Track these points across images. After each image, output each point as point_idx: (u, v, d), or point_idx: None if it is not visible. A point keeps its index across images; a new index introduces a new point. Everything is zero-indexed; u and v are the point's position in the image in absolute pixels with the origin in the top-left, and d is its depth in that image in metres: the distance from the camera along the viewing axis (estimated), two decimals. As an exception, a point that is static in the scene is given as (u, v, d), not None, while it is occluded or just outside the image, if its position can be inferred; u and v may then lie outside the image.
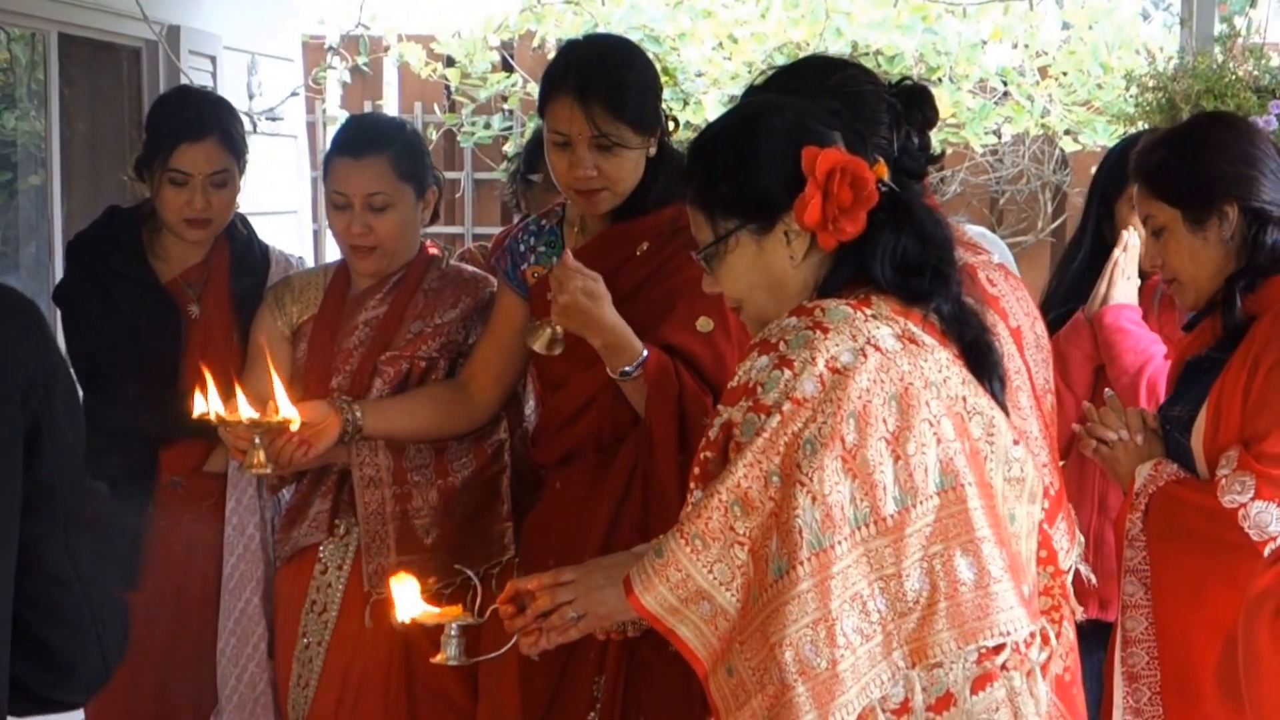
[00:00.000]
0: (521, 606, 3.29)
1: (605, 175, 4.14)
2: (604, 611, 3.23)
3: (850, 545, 2.91)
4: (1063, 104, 10.40)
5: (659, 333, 4.06)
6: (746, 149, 3.19)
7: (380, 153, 4.53)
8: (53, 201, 6.29)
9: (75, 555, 2.41)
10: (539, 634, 3.29)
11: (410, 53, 10.53)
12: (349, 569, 4.53)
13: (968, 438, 3.05)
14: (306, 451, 4.29)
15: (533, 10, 10.81)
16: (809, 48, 10.23)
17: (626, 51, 4.36)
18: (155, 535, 4.77)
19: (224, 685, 4.74)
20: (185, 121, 4.82)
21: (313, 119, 9.78)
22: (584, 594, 3.24)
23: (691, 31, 10.69)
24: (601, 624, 3.34)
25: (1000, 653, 2.98)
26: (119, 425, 4.65)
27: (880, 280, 3.13)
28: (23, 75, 6.69)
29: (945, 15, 10.47)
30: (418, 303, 4.60)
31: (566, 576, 3.29)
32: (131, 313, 4.77)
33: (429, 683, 4.52)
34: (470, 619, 3.32)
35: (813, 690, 2.89)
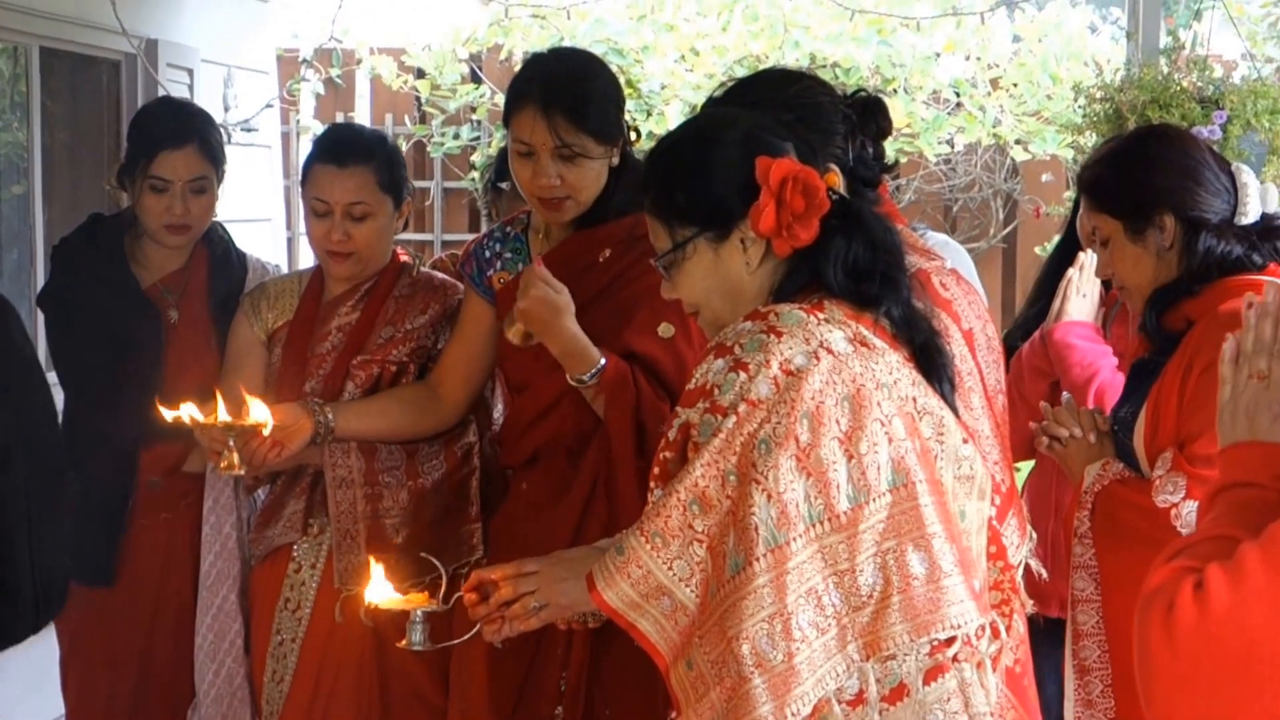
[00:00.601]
0: (485, 596, 3.31)
1: (568, 184, 4.14)
2: (566, 602, 3.24)
3: (805, 542, 2.91)
4: (1013, 114, 10.43)
5: (621, 338, 4.07)
6: (702, 160, 3.20)
7: (364, 164, 4.52)
8: (34, 210, 6.28)
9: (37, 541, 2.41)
10: (501, 622, 3.30)
11: (382, 65, 10.52)
12: (322, 567, 4.53)
13: (918, 437, 3.05)
14: (280, 453, 4.28)
15: (500, 24, 10.81)
16: (768, 60, 10.25)
17: (589, 65, 4.36)
18: (134, 534, 4.77)
19: (201, 679, 4.73)
20: (166, 130, 4.83)
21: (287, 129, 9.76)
22: (547, 585, 3.25)
23: (654, 44, 10.70)
24: (563, 614, 3.34)
25: (952, 645, 2.98)
26: (99, 426, 4.65)
27: (833, 285, 3.14)
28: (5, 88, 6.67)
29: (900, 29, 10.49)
30: (389, 309, 4.60)
31: (530, 567, 3.30)
32: (113, 316, 4.76)
33: (401, 677, 4.51)
34: (435, 606, 3.33)
35: (769, 682, 2.89)
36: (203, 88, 7.26)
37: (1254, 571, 1.94)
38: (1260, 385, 2.20)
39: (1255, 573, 1.94)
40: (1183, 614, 1.97)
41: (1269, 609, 1.92)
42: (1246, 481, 2.14)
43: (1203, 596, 1.96)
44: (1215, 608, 1.95)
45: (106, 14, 6.31)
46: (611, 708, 4.09)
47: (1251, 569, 1.94)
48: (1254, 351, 2.23)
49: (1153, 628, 2.00)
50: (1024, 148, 10.32)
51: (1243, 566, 1.95)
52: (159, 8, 7.05)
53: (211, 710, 4.72)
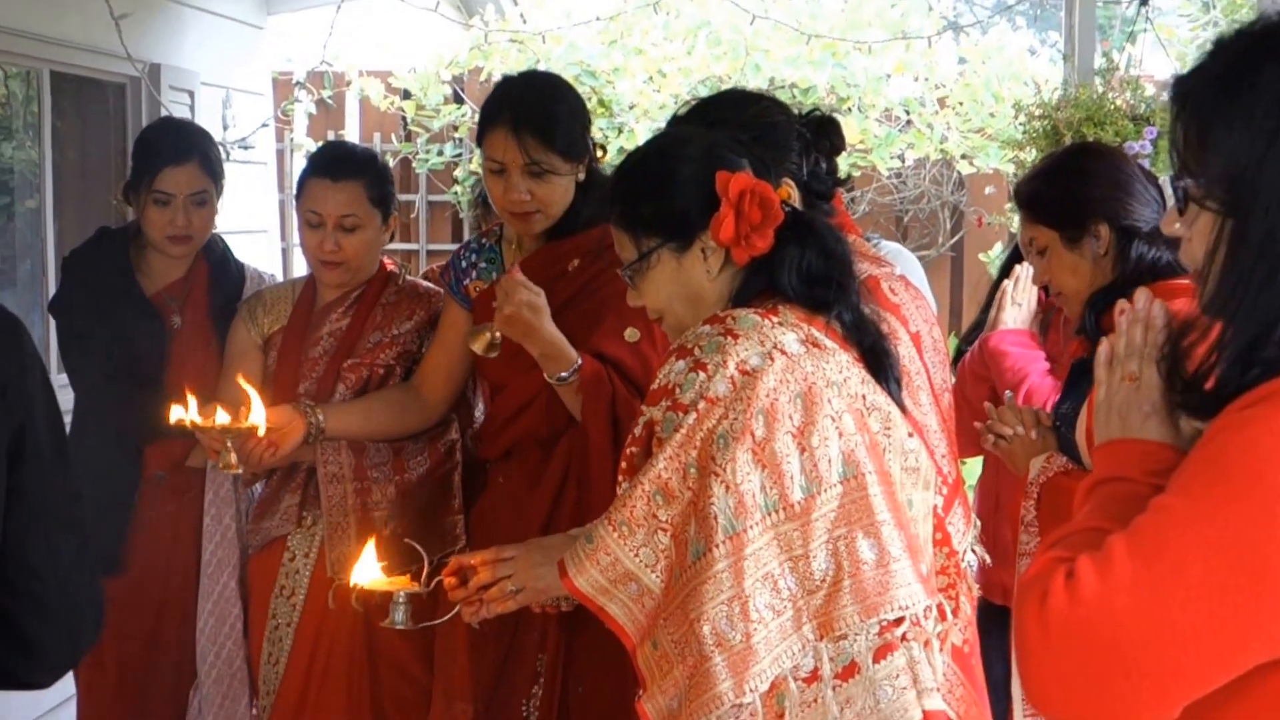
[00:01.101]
0: (465, 580, 3.31)
1: (537, 199, 4.15)
2: (541, 586, 3.25)
3: (762, 529, 2.92)
4: (959, 131, 10.43)
5: (590, 342, 4.07)
6: (665, 175, 3.21)
7: (356, 179, 4.53)
8: (46, 223, 6.27)
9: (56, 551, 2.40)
10: (480, 605, 3.31)
11: (370, 87, 10.51)
12: (315, 557, 4.54)
13: (867, 431, 3.06)
14: (274, 453, 4.29)
15: (480, 48, 10.80)
16: (731, 81, 10.24)
17: (556, 87, 4.35)
18: (141, 524, 4.77)
19: (203, 661, 4.72)
20: (169, 147, 4.83)
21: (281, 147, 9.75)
22: (523, 570, 3.27)
23: (624, 67, 10.69)
24: (538, 598, 3.35)
25: (900, 625, 2.99)
26: (108, 424, 4.64)
27: (787, 291, 3.15)
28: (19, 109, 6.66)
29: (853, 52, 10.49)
30: (376, 316, 4.60)
31: (507, 554, 3.31)
32: (119, 322, 4.75)
33: (389, 659, 4.52)
34: (417, 589, 3.34)
35: (729, 661, 2.90)
36: (203, 108, 7.25)
37: (1120, 561, 1.94)
38: (1131, 386, 2.21)
39: (1121, 563, 1.94)
40: (1055, 601, 1.97)
41: (1134, 597, 1.92)
42: (1119, 476, 2.14)
43: (1073, 585, 1.96)
44: (1084, 596, 1.94)
45: (112, 40, 6.30)
46: (584, 685, 4.09)
47: (1118, 559, 1.94)
48: (1126, 355, 2.24)
49: (1028, 614, 2.01)
50: (969, 162, 10.33)
51: (1110, 557, 1.95)
52: (162, 34, 7.04)
53: (213, 690, 4.72)
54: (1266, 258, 2.00)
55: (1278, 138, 1.99)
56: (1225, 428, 1.98)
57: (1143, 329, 2.26)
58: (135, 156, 4.92)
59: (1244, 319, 2.02)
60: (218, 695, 4.72)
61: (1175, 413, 2.18)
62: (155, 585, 4.79)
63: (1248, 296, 2.01)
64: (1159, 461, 2.11)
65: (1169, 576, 1.92)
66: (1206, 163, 2.08)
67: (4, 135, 6.82)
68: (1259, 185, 2.00)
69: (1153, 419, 2.18)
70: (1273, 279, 1.99)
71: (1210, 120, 2.07)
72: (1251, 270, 2.01)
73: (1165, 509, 1.97)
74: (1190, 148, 2.11)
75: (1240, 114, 2.03)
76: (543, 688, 4.15)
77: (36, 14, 5.95)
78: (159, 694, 4.84)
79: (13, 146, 6.77)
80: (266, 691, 4.59)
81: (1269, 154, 2.00)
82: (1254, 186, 2.01)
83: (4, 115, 6.86)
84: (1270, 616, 1.90)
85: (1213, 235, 2.07)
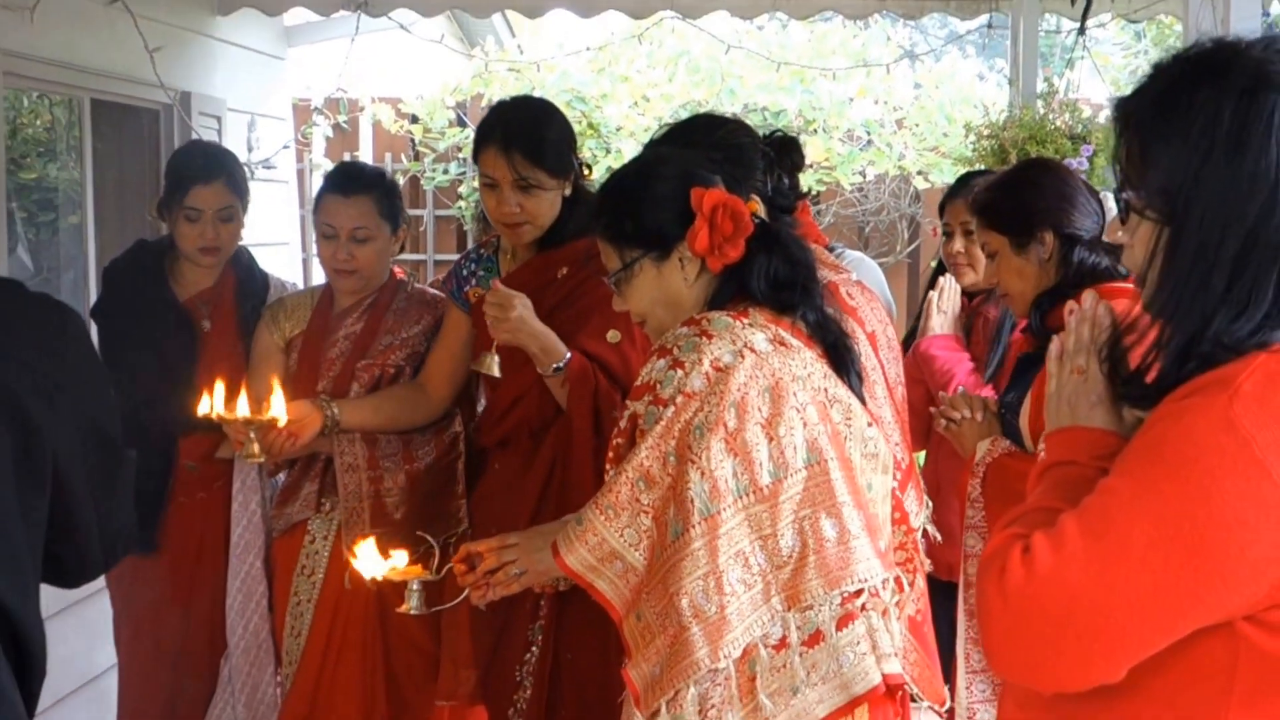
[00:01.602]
0: (472, 565, 3.32)
1: (527, 211, 4.17)
2: (541, 569, 3.25)
3: (734, 511, 2.94)
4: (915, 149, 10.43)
5: (576, 342, 4.07)
6: (644, 192, 3.23)
7: (366, 194, 4.53)
8: (88, 237, 6.26)
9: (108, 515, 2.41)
10: (486, 587, 3.32)
11: (381, 112, 10.49)
12: (333, 539, 4.54)
13: (829, 421, 3.08)
14: (294, 443, 4.30)
15: (481, 76, 10.78)
16: (708, 105, 10.23)
17: (544, 110, 4.36)
18: (175, 510, 4.77)
19: (232, 633, 4.73)
20: (198, 168, 4.83)
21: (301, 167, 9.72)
22: (525, 555, 3.27)
23: (612, 93, 10.68)
24: (540, 580, 3.36)
25: (860, 596, 3.00)
26: (144, 420, 4.64)
27: (756, 295, 3.17)
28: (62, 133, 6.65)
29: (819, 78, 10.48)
30: (388, 320, 4.61)
31: (511, 540, 3.32)
32: (155, 326, 4.75)
33: (399, 631, 4.52)
34: (429, 576, 3.34)
35: (705, 630, 2.92)
36: (230, 132, 7.24)
37: (1072, 538, 1.95)
38: (1080, 379, 2.22)
39: (1073, 539, 1.95)
40: (1012, 575, 1.98)
41: (1084, 569, 1.94)
42: (1069, 460, 2.15)
43: (1029, 559, 1.97)
44: (1039, 569, 1.96)
45: (147, 71, 6.30)
46: (572, 653, 4.10)
47: (1070, 536, 1.96)
48: (1074, 350, 2.25)
49: (989, 587, 2.03)
50: (924, 177, 10.32)
51: (1063, 533, 1.97)
52: (192, 65, 7.03)
53: (241, 660, 4.73)
54: (1201, 263, 2.01)
55: (1211, 154, 2.00)
56: (1164, 416, 1.99)
57: (1090, 327, 2.26)
58: (168, 176, 4.92)
59: (1181, 318, 2.04)
60: (245, 664, 4.73)
61: (1118, 403, 2.19)
62: (188, 565, 4.80)
63: (1184, 298, 2.03)
64: (1104, 447, 2.13)
65: (1115, 551, 1.93)
66: (1146, 177, 2.09)
67: (49, 157, 6.82)
68: (1194, 198, 2.02)
69: (1099, 409, 2.19)
70: (1206, 282, 2.01)
71: (1150, 138, 2.08)
72: (1188, 274, 2.02)
73: (1111, 490, 1.98)
74: (1132, 163, 2.12)
75: (1177, 133, 2.04)
76: (535, 655, 4.15)
77: (79, 47, 5.95)
78: (193, 663, 4.84)
79: (57, 167, 6.76)
80: (289, 661, 4.60)
81: (1204, 169, 2.01)
82: (1190, 199, 2.02)
83: (49, 139, 6.86)
84: (1206, 585, 1.91)
85: (1152, 242, 2.09)
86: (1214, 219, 2.00)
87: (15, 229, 6.12)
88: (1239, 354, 1.98)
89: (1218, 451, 1.91)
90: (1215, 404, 1.93)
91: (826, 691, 2.97)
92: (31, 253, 6.52)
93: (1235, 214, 2.00)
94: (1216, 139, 2.01)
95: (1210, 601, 1.93)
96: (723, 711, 2.94)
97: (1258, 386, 1.93)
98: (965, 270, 4.98)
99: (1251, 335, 1.99)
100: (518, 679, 4.17)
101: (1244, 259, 2.00)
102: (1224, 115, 2.01)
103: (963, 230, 4.95)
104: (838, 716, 2.99)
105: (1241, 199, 1.99)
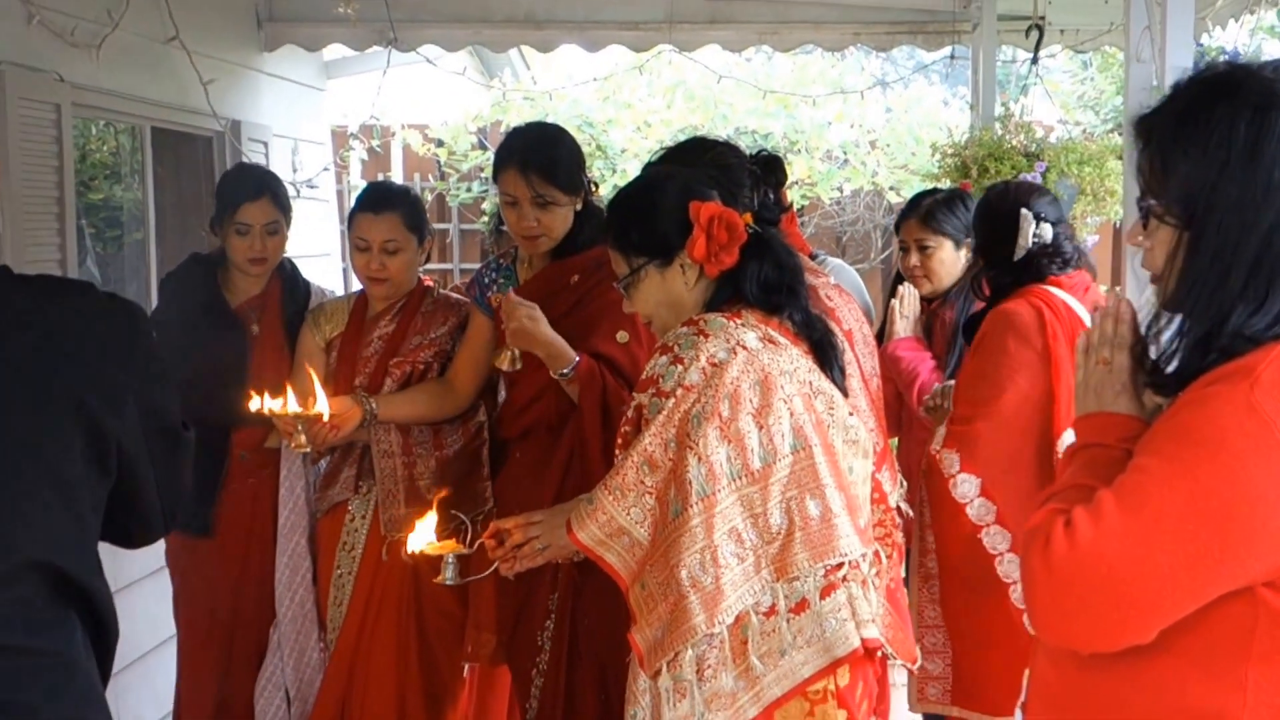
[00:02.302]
0: (501, 540, 3.32)
1: (543, 225, 4.16)
2: (562, 544, 3.24)
3: (728, 492, 2.94)
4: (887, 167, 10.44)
5: (588, 342, 4.07)
6: (649, 205, 3.23)
7: (394, 210, 4.53)
8: (150, 252, 6.25)
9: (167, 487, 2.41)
10: (514, 560, 3.32)
11: (411, 137, 10.50)
12: (370, 518, 4.54)
13: (814, 411, 3.08)
14: (336, 434, 4.31)
15: (500, 104, 10.81)
16: (703, 129, 10.24)
17: (556, 134, 4.36)
18: (228, 496, 4.76)
19: (280, 604, 4.72)
20: (246, 187, 4.82)
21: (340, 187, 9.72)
22: (548, 531, 3.27)
23: (617, 118, 10.71)
24: (561, 554, 3.34)
25: (841, 569, 3.01)
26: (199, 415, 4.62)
27: (749, 297, 3.17)
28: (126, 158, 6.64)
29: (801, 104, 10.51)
30: (417, 322, 4.60)
31: (536, 518, 3.32)
32: (209, 330, 4.74)
33: (431, 600, 4.52)
34: (463, 550, 3.34)
35: (702, 599, 2.93)
36: (275, 156, 7.23)
37: (1110, 512, 1.96)
38: (1104, 369, 2.22)
39: (1111, 513, 1.96)
40: (1056, 546, 1.99)
41: (1122, 540, 1.95)
42: (1097, 443, 2.16)
43: (1071, 532, 1.98)
44: (1081, 540, 1.97)
45: (201, 101, 6.29)
46: (588, 619, 4.09)
47: (1108, 510, 1.97)
48: (1099, 343, 2.25)
49: (1034, 557, 2.02)
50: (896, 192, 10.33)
51: (1101, 508, 1.97)
52: (242, 96, 7.03)
53: (289, 628, 4.72)
54: (1219, 264, 2.02)
55: (1229, 165, 2.02)
56: (1190, 402, 2.00)
57: (1113, 322, 2.27)
58: (219, 195, 4.91)
59: (1201, 314, 2.05)
60: (293, 632, 4.72)
61: (1141, 391, 2.20)
62: (240, 543, 4.79)
63: (1204, 295, 2.04)
64: (1129, 430, 2.14)
65: (1151, 524, 1.94)
66: (1167, 186, 2.10)
67: (114, 179, 6.81)
68: (1213, 205, 2.03)
69: (1123, 396, 2.20)
70: (1224, 281, 2.02)
71: (1170, 151, 2.09)
72: (1207, 274, 2.03)
73: (1145, 469, 1.99)
74: (1154, 174, 2.13)
75: (1196, 146, 2.05)
76: (554, 621, 4.16)
77: (141, 80, 5.94)
78: (245, 632, 4.83)
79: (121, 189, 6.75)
80: (333, 628, 4.60)
81: (1221, 179, 2.02)
82: (1209, 206, 2.03)
83: (114, 163, 6.85)
84: (1232, 554, 1.93)
85: (1172, 245, 2.09)
86: (1232, 223, 2.02)
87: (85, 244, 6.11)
88: (1257, 345, 1.99)
89: (1242, 434, 1.92)
90: (1238, 390, 1.94)
91: (811, 654, 2.98)
92: (99, 266, 6.51)
93: (1251, 219, 2.01)
94: (1233, 151, 2.02)
95: (1235, 569, 1.94)
96: (717, 671, 2.95)
97: (1277, 374, 1.95)
98: (921, 281, 4.99)
99: (1269, 328, 2.00)
100: (539, 643, 4.17)
101: (1260, 259, 2.01)
102: (1239, 129, 2.02)
103: (917, 246, 4.96)
104: (821, 676, 3.00)
105: (1257, 205, 2.01)
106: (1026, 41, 7.32)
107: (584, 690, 4.13)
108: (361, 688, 4.55)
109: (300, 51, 7.68)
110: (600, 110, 10.77)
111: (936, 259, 4.91)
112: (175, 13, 6.04)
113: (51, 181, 5.12)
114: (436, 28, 7.67)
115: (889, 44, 7.96)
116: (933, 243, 4.91)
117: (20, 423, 2.16)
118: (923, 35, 7.84)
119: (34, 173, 4.99)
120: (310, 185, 7.62)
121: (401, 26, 7.37)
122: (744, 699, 2.97)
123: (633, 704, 3.07)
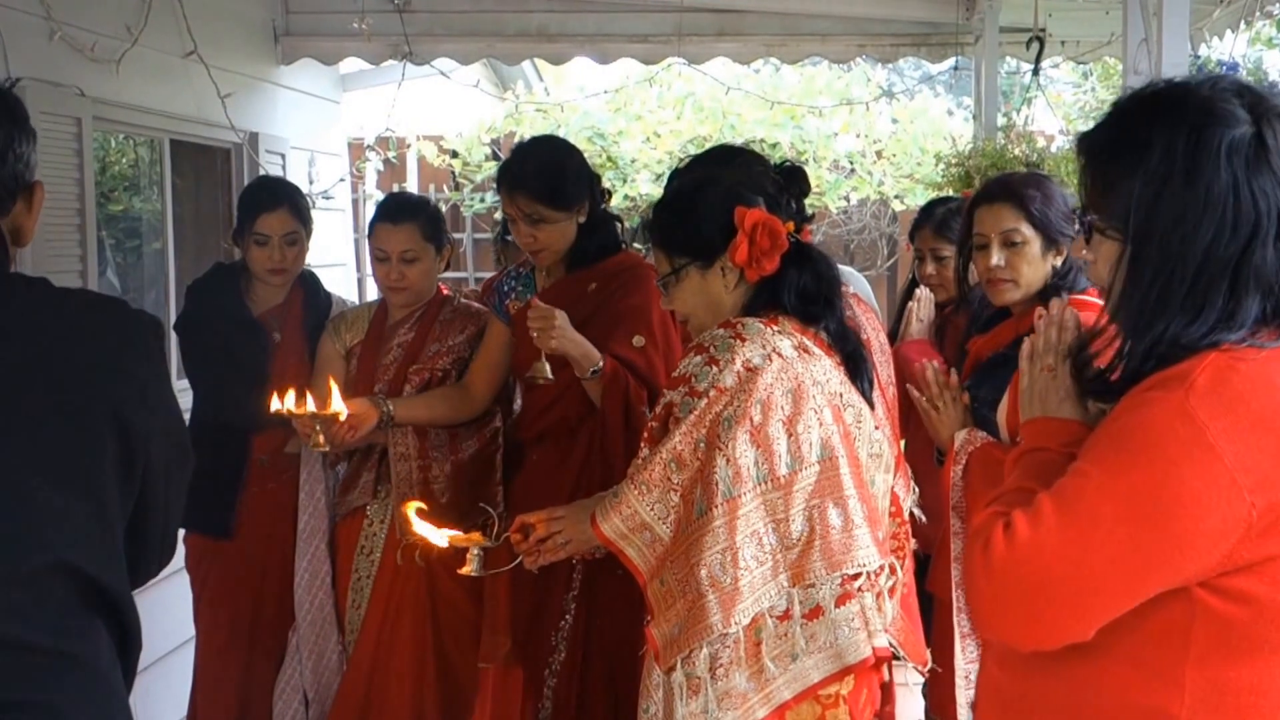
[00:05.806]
0: (526, 534, 3.32)
1: (540, 240, 4.21)
2: (584, 538, 3.25)
3: (753, 496, 2.95)
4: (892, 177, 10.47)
5: (606, 347, 4.07)
6: (694, 208, 3.24)
7: (412, 221, 4.53)
8: (168, 261, 6.24)
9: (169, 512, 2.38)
10: (538, 554, 3.33)
11: (425, 148, 10.53)
12: (388, 522, 4.53)
13: (842, 423, 3.09)
14: (353, 435, 4.31)
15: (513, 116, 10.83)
16: (712, 140, 10.26)
17: (552, 150, 4.38)
18: (248, 499, 4.75)
19: (300, 607, 4.70)
20: (265, 198, 4.81)
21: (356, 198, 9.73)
22: (571, 525, 3.28)
23: (627, 130, 10.72)
24: (583, 548, 3.35)
25: (857, 579, 3.03)
26: (222, 420, 4.63)
27: (786, 305, 3.18)
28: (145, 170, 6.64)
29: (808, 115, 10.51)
30: (436, 330, 4.60)
31: (559, 512, 3.34)
32: (231, 337, 4.73)
33: (447, 602, 4.52)
34: (488, 543, 3.33)
35: (719, 598, 2.94)
36: (293, 167, 7.23)
37: (1047, 514, 1.98)
38: (1049, 375, 2.25)
39: (1049, 515, 1.98)
40: (995, 548, 2.01)
41: (1059, 542, 1.96)
42: (1041, 447, 2.18)
43: (1010, 534, 2.00)
44: (1019, 542, 1.99)
45: (219, 114, 6.29)
46: (602, 620, 4.10)
47: (1046, 512, 1.98)
48: (1044, 350, 2.28)
49: (975, 558, 2.04)
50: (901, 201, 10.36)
51: (1039, 511, 1.99)
52: (260, 109, 7.02)
53: (308, 631, 4.70)
54: (1160, 277, 2.03)
55: (1169, 182, 2.02)
56: (1128, 408, 2.01)
57: (1057, 330, 2.30)
58: (239, 207, 4.91)
59: (1143, 324, 2.05)
60: (312, 635, 4.70)
61: (1084, 397, 2.21)
62: (260, 547, 4.77)
63: (1146, 306, 2.04)
64: (1072, 435, 2.15)
65: (1087, 525, 1.96)
66: (1109, 202, 2.11)
67: (134, 191, 6.80)
68: (1154, 220, 2.03)
69: (1066, 402, 2.22)
70: (1165, 293, 2.02)
71: (1111, 168, 2.10)
72: (1149, 286, 2.04)
73: (1082, 473, 2.00)
74: (1096, 189, 2.14)
75: (1137, 163, 2.05)
76: (569, 622, 4.15)
77: (160, 94, 5.94)
78: (266, 634, 4.81)
79: (141, 200, 6.74)
80: (351, 630, 4.59)
81: (1162, 195, 2.02)
82: (1150, 221, 2.03)
83: (133, 175, 6.84)
84: (1166, 555, 1.93)
85: (1115, 258, 2.10)
86: (1172, 239, 2.02)
87: (105, 254, 6.10)
88: (1193, 353, 2.00)
89: (1176, 439, 1.93)
90: (1173, 397, 1.95)
91: (822, 660, 3.00)
92: (119, 275, 6.50)
93: (1191, 234, 2.01)
94: (1173, 168, 2.02)
95: (1169, 569, 1.95)
96: (730, 670, 2.96)
97: (1210, 381, 1.95)
98: (937, 289, 4.99)
99: (1203, 337, 2.01)
100: (553, 644, 4.16)
101: (1199, 273, 2.01)
102: (1178, 147, 2.03)
103: (932, 255, 4.97)
104: (830, 682, 3.02)
105: (1197, 221, 2.01)
106: (1028, 53, 7.31)
107: (596, 690, 4.13)
108: (380, 691, 4.54)
109: (317, 65, 7.68)
110: (611, 122, 10.79)
111: (950, 266, 4.91)
112: (194, 28, 6.05)
113: (73, 194, 5.13)
114: (451, 41, 7.67)
115: (893, 56, 7.97)
116: (947, 251, 4.92)
117: (58, 432, 2.14)
118: (926, 47, 7.84)
119: (56, 185, 4.99)
120: (327, 196, 7.63)
121: (416, 40, 7.37)
122: (754, 699, 2.98)
123: (645, 698, 3.09)
